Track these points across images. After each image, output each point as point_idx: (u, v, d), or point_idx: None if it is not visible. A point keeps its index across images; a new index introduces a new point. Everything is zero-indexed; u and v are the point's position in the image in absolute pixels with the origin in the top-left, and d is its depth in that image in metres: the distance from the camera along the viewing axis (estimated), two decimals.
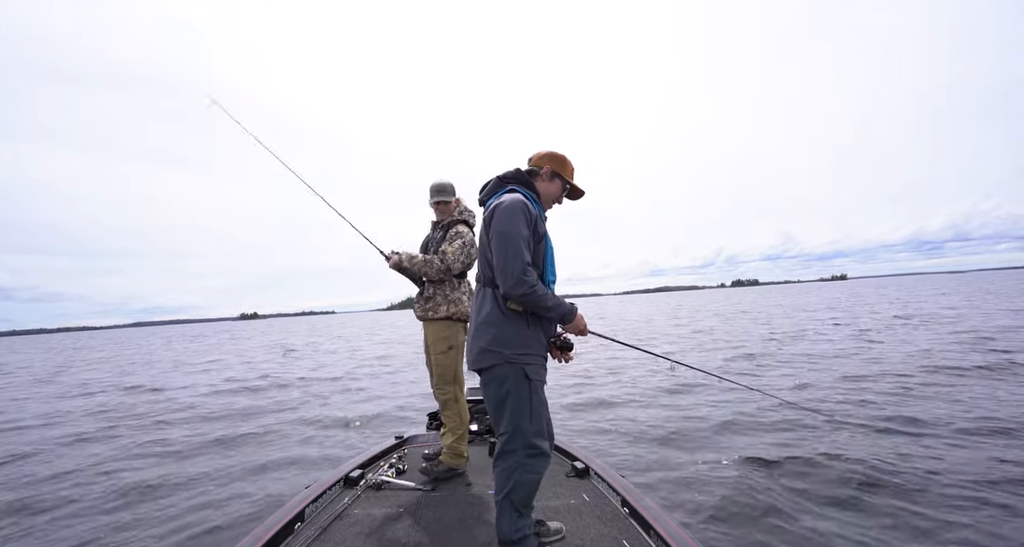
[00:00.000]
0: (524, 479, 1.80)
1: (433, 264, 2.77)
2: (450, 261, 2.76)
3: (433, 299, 2.85)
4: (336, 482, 2.66)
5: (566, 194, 2.09)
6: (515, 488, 1.80)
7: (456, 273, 2.82)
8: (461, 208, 3.01)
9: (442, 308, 2.83)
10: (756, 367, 8.73)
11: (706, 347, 12.42)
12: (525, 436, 1.81)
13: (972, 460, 3.84)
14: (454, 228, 2.89)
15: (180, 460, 5.19)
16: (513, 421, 1.82)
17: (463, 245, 2.80)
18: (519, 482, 1.80)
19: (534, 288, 1.73)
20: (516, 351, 1.82)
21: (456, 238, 2.83)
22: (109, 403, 9.23)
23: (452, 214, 2.97)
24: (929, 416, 4.98)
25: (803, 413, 5.31)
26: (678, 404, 6.30)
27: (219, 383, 11.21)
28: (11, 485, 4.59)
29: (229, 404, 8.46)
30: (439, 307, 2.83)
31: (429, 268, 2.77)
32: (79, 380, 13.91)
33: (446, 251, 2.78)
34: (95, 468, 5.01)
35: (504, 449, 1.84)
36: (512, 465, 1.81)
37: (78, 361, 22.84)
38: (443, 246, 2.84)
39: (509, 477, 1.81)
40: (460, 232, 2.86)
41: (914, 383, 6.54)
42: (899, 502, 3.24)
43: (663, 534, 1.93)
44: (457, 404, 2.90)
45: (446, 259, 2.76)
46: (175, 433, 6.45)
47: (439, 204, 2.96)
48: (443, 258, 2.77)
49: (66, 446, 6.00)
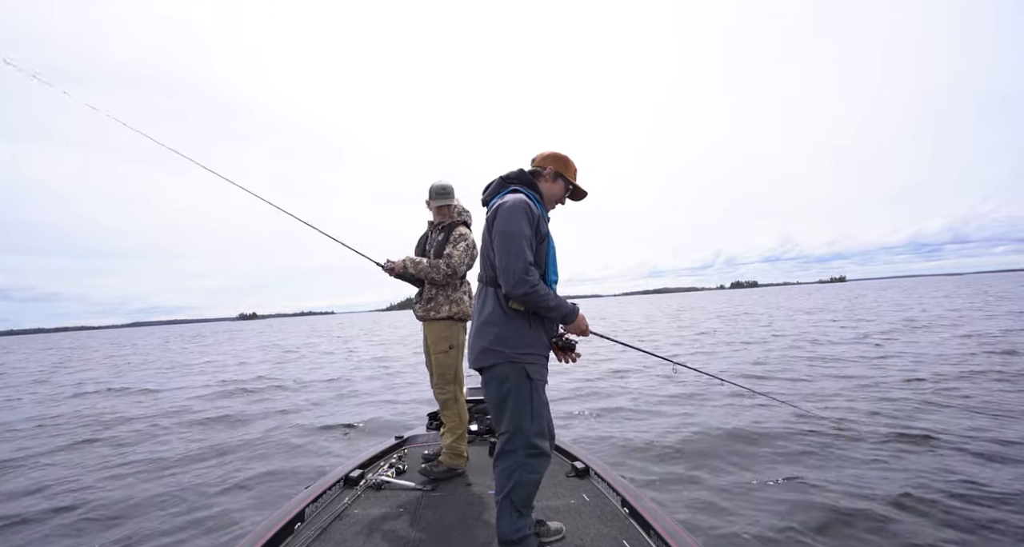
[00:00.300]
0: (524, 479, 1.80)
1: (439, 269, 2.77)
2: (456, 264, 2.76)
3: (435, 299, 2.86)
4: (336, 482, 2.66)
5: (569, 195, 2.09)
6: (515, 488, 1.80)
7: (461, 274, 2.84)
8: (459, 209, 3.01)
9: (444, 308, 2.83)
10: (763, 371, 8.33)
11: (710, 349, 12.18)
12: (526, 436, 1.81)
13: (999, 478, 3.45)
14: (456, 230, 2.89)
15: (175, 464, 5.18)
16: (514, 421, 1.82)
17: (467, 247, 2.81)
18: (519, 482, 1.80)
19: (536, 288, 1.73)
20: (518, 350, 1.82)
21: (460, 240, 2.83)
22: (98, 406, 9.13)
23: (452, 216, 2.96)
24: (947, 426, 4.70)
25: (819, 423, 4.94)
26: (681, 411, 5.98)
27: (214, 384, 11.19)
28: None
29: (224, 407, 8.45)
30: (441, 307, 2.84)
31: (436, 273, 2.77)
32: (75, 380, 13.88)
33: (452, 255, 2.78)
34: (84, 473, 5.00)
35: (505, 449, 1.84)
36: (512, 465, 1.81)
37: (74, 360, 22.79)
38: (448, 249, 2.83)
39: (509, 477, 1.81)
40: (463, 234, 2.86)
41: (931, 389, 6.25)
42: (903, 519, 3.02)
43: (663, 534, 1.93)
44: (457, 404, 2.91)
45: (452, 263, 2.76)
46: (170, 437, 6.44)
47: (441, 208, 2.92)
48: (449, 262, 2.77)
49: (57, 452, 5.96)
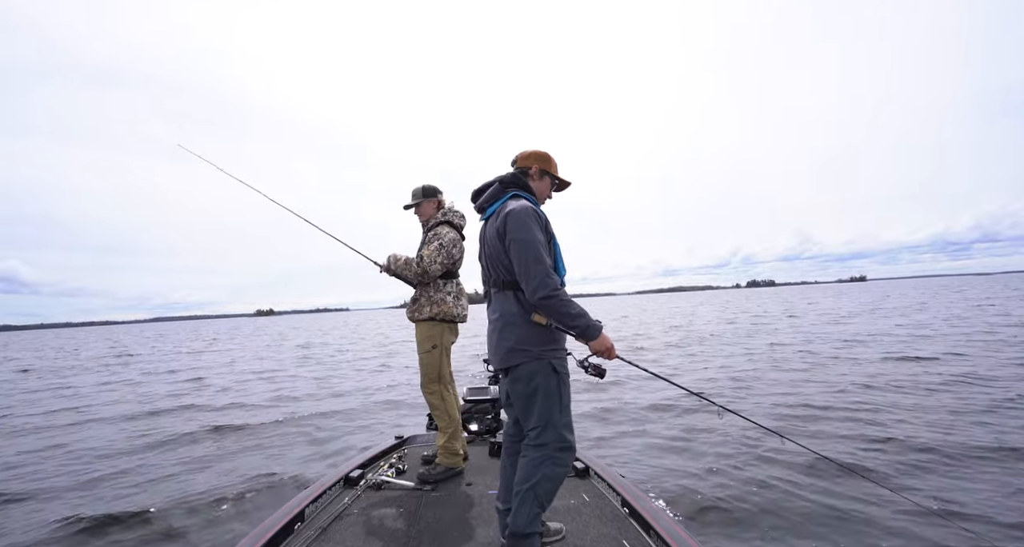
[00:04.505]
0: (552, 473, 1.80)
1: (411, 267, 2.80)
2: (426, 264, 2.76)
3: (418, 301, 2.90)
4: (336, 482, 2.68)
5: (554, 188, 2.14)
6: (541, 481, 1.79)
7: (435, 275, 2.81)
8: (445, 209, 3.02)
9: (425, 309, 2.86)
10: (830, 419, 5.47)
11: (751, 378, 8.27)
12: (556, 428, 1.82)
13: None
14: (434, 230, 2.92)
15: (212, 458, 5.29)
16: (544, 415, 1.82)
17: (440, 247, 2.79)
18: (547, 475, 1.79)
19: (558, 292, 1.75)
20: (544, 347, 1.84)
21: (434, 239, 2.84)
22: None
23: (434, 216, 2.98)
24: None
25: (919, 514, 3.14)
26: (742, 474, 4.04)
27: (237, 380, 11.43)
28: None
29: (242, 401, 8.68)
30: (423, 308, 2.87)
31: (408, 271, 2.82)
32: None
33: (423, 254, 2.79)
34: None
35: (536, 443, 1.83)
36: (542, 457, 1.80)
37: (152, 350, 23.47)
38: (421, 249, 2.88)
39: (537, 468, 1.79)
40: (439, 234, 2.87)
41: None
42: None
43: (663, 534, 1.92)
44: (444, 403, 2.92)
45: (423, 262, 2.76)
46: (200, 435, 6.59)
47: (416, 209, 3.02)
48: (420, 261, 2.77)
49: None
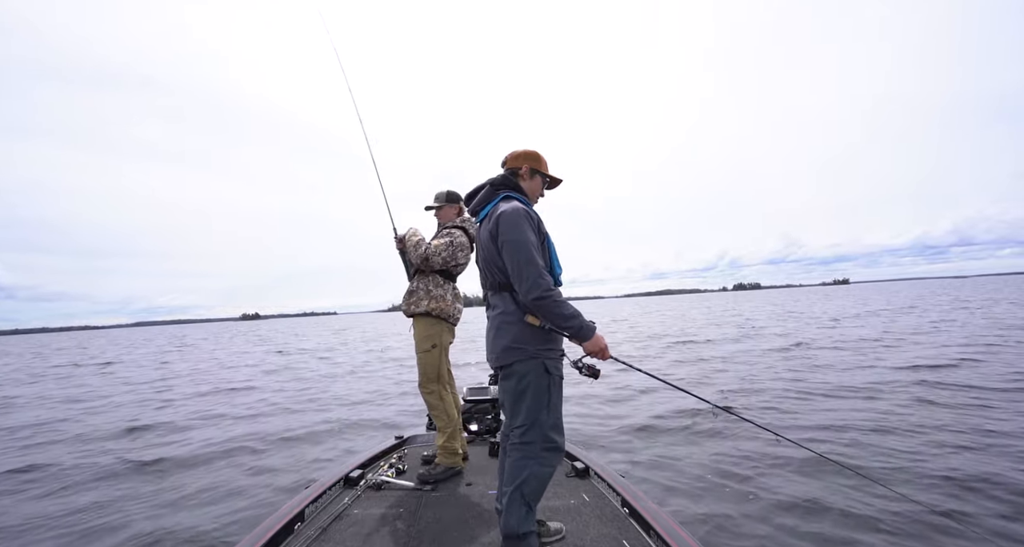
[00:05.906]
0: (538, 472, 1.81)
1: (419, 248, 2.90)
2: (431, 251, 2.87)
3: (416, 293, 2.95)
4: (336, 482, 2.67)
5: (546, 186, 2.16)
6: (528, 480, 1.80)
7: (435, 266, 2.91)
8: (464, 217, 3.12)
9: (423, 303, 2.90)
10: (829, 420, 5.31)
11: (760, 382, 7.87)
12: (542, 428, 1.83)
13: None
14: (448, 231, 3.02)
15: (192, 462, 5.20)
16: (531, 414, 1.84)
17: (448, 244, 2.90)
18: (532, 474, 1.80)
19: (551, 293, 1.76)
20: (539, 347, 1.86)
21: (445, 236, 2.96)
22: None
23: (453, 220, 3.09)
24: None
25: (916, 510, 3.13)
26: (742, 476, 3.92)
27: (219, 385, 11.23)
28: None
29: (230, 408, 8.50)
30: (421, 301, 2.91)
31: (416, 250, 2.90)
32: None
33: (431, 243, 2.91)
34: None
35: (521, 441, 1.85)
36: (527, 456, 1.82)
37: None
38: (432, 240, 2.99)
39: (523, 468, 1.81)
40: (451, 232, 2.98)
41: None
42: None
43: (663, 534, 1.93)
44: (442, 402, 2.94)
45: (428, 248, 2.88)
46: (193, 435, 6.46)
47: (436, 209, 3.14)
48: (428, 247, 2.89)
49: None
